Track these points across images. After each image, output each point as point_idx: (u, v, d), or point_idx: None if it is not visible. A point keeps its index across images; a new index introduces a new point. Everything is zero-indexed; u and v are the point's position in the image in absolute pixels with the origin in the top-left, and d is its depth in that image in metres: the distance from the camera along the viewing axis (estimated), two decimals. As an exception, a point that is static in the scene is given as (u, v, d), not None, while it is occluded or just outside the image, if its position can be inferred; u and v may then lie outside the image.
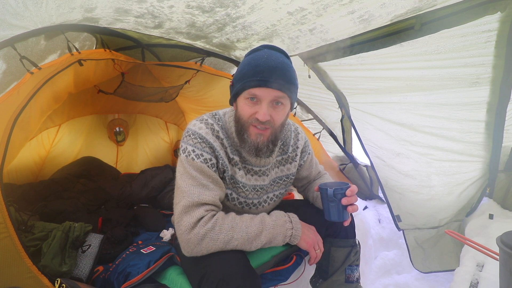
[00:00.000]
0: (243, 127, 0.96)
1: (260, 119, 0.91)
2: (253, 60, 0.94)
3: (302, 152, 1.24)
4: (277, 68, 0.90)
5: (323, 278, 1.18)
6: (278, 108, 0.94)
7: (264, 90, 0.90)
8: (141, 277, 1.11)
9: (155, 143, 3.62)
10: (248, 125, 0.95)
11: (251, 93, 0.92)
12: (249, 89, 0.91)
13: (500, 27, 1.22)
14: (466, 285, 1.20)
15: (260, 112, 0.91)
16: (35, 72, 1.31)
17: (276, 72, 0.90)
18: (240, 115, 0.97)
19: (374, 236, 2.26)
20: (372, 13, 1.28)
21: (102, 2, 1.21)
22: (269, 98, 0.91)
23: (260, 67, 0.90)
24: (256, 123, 0.93)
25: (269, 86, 0.89)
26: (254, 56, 0.95)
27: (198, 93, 2.55)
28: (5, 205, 1.07)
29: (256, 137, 0.96)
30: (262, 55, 0.94)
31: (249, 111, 0.93)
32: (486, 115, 1.53)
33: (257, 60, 0.92)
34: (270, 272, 1.28)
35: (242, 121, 0.96)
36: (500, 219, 1.62)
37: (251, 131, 0.95)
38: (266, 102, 0.92)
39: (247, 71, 0.92)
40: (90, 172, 2.72)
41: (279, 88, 0.90)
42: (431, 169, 1.86)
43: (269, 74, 0.89)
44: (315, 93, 2.16)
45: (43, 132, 2.72)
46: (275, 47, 1.00)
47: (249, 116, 0.94)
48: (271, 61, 0.91)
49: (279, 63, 0.92)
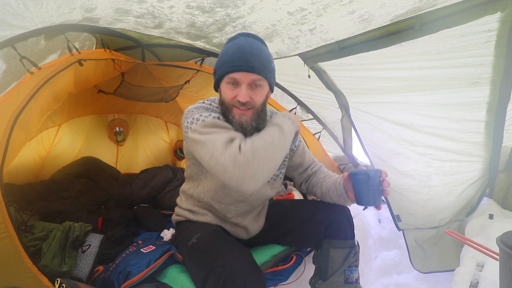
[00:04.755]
0: (227, 109, 1.05)
1: (241, 100, 1.00)
2: (230, 47, 1.03)
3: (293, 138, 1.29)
4: (253, 53, 1.00)
5: (322, 279, 1.18)
6: (256, 90, 1.03)
7: (242, 74, 0.99)
8: (141, 276, 1.11)
9: (155, 143, 3.62)
10: (231, 107, 1.04)
11: (230, 78, 1.01)
12: (228, 74, 1.01)
13: (500, 27, 1.22)
14: (466, 285, 1.20)
15: (240, 94, 1.00)
16: (35, 72, 1.31)
17: (252, 57, 0.99)
18: (223, 98, 1.05)
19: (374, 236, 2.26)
20: (372, 13, 1.28)
21: (102, 3, 1.21)
22: (247, 81, 1.00)
23: (238, 53, 1.00)
24: (238, 105, 1.02)
25: (246, 70, 0.98)
26: (232, 44, 1.05)
27: (198, 93, 2.55)
28: (5, 205, 1.07)
29: (239, 117, 1.04)
30: (239, 42, 1.04)
31: (230, 94, 1.02)
32: (486, 115, 1.53)
33: (234, 47, 1.02)
34: (270, 272, 1.28)
35: (226, 104, 1.05)
36: (500, 219, 1.62)
37: (235, 112, 1.04)
38: (245, 84, 1.00)
39: (226, 57, 1.02)
40: (90, 172, 2.73)
41: (256, 71, 0.99)
42: (431, 169, 1.86)
43: (246, 59, 0.99)
44: (315, 93, 2.16)
45: (43, 132, 2.71)
46: (251, 34, 1.09)
47: (231, 99, 1.03)
48: (247, 47, 1.01)
49: (254, 48, 1.02)
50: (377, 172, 1.00)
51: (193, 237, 1.08)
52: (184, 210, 1.27)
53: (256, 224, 1.28)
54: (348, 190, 1.13)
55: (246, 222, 1.24)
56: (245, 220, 1.24)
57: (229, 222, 1.23)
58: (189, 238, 1.09)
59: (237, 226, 1.24)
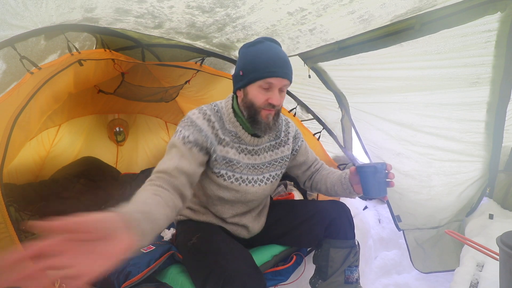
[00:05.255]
0: (256, 111, 1.08)
1: (275, 103, 1.05)
2: (263, 52, 1.05)
3: (295, 138, 1.32)
4: (285, 59, 1.06)
5: (322, 279, 1.19)
6: (283, 93, 1.10)
7: (278, 80, 1.04)
8: (141, 276, 1.11)
9: (155, 143, 3.62)
10: (260, 109, 1.08)
11: (267, 82, 1.04)
12: (266, 79, 1.03)
13: (500, 27, 1.22)
14: (466, 285, 1.20)
15: (274, 98, 1.05)
16: (35, 72, 1.31)
17: (286, 64, 1.05)
18: (253, 101, 1.07)
19: (374, 236, 2.26)
20: (372, 13, 1.29)
21: (102, 2, 1.21)
22: (280, 86, 1.05)
23: (273, 59, 1.03)
24: (269, 107, 1.07)
25: (283, 76, 1.03)
26: (262, 48, 1.06)
27: (198, 93, 2.55)
28: (5, 205, 1.07)
29: (267, 118, 1.09)
30: (270, 47, 1.06)
31: (263, 97, 1.06)
32: (486, 115, 1.53)
33: (268, 52, 1.05)
34: (270, 272, 1.28)
35: (256, 106, 1.08)
36: (500, 219, 1.62)
37: (263, 113, 1.08)
38: (277, 89, 1.05)
39: (261, 62, 1.04)
40: (90, 172, 2.73)
41: (288, 77, 1.05)
42: (431, 169, 1.86)
43: (283, 66, 1.04)
44: (315, 93, 2.16)
45: (43, 132, 2.72)
46: (273, 39, 1.12)
47: (263, 101, 1.06)
48: (280, 53, 1.05)
49: (284, 55, 1.07)
50: (383, 165, 1.05)
51: (193, 237, 1.08)
52: (185, 208, 1.27)
53: (257, 223, 1.28)
54: (354, 183, 1.16)
55: (246, 221, 1.24)
56: (244, 219, 1.24)
57: (229, 222, 1.23)
58: (189, 237, 1.09)
59: (237, 225, 1.24)
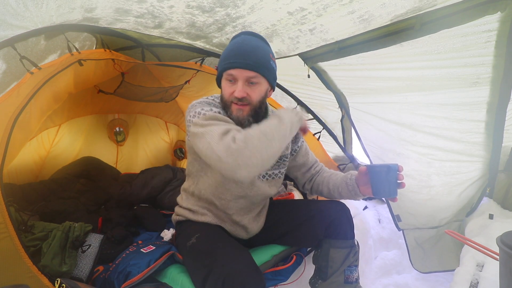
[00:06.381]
0: (226, 105, 1.09)
1: (236, 95, 1.04)
2: (231, 45, 1.09)
3: (295, 138, 1.33)
4: (249, 51, 1.03)
5: (322, 279, 1.19)
6: (253, 87, 1.06)
7: (238, 71, 1.03)
8: (141, 276, 1.11)
9: (155, 143, 3.62)
10: (230, 103, 1.07)
11: (228, 74, 1.05)
12: (226, 71, 1.05)
13: (500, 27, 1.22)
14: (466, 285, 1.20)
15: (236, 90, 1.04)
16: (35, 72, 1.31)
17: (249, 55, 1.02)
18: (223, 94, 1.10)
19: (374, 236, 2.26)
20: (372, 13, 1.28)
21: (102, 2, 1.21)
22: (243, 78, 1.03)
23: (235, 50, 1.04)
24: (236, 101, 1.06)
25: (241, 67, 1.02)
26: (232, 42, 1.10)
27: (198, 93, 2.55)
28: (5, 205, 1.07)
29: (237, 112, 1.07)
30: (239, 40, 1.08)
31: (228, 90, 1.06)
32: (486, 115, 1.53)
33: (234, 45, 1.07)
34: (270, 272, 1.28)
35: (225, 100, 1.09)
36: (500, 219, 1.62)
37: (233, 108, 1.07)
38: (241, 81, 1.04)
39: (225, 55, 1.07)
40: (90, 172, 2.72)
41: (251, 68, 1.02)
42: (431, 169, 1.86)
43: (242, 56, 1.02)
44: (315, 93, 2.16)
45: (43, 132, 2.71)
46: (253, 32, 1.13)
47: (229, 94, 1.06)
48: (245, 45, 1.05)
49: (252, 46, 1.05)
50: (395, 165, 1.04)
51: (193, 237, 1.08)
52: (184, 209, 1.27)
53: (256, 223, 1.29)
54: (361, 184, 1.16)
55: (246, 221, 1.24)
56: (244, 219, 1.24)
57: (228, 221, 1.23)
58: (189, 238, 1.09)
59: (237, 225, 1.24)
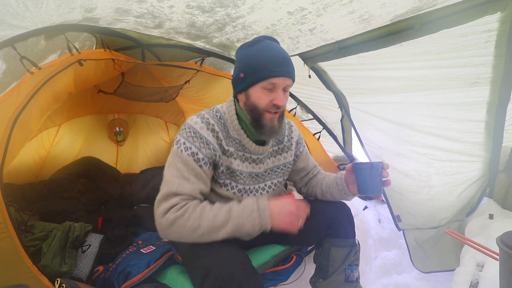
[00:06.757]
0: (260, 114, 1.03)
1: (279, 104, 1.00)
2: (264, 51, 1.00)
3: (298, 143, 1.31)
4: (287, 58, 1.01)
5: (322, 278, 1.18)
6: (286, 93, 1.05)
7: (282, 79, 0.99)
8: (141, 277, 1.11)
9: (155, 143, 3.62)
10: (264, 112, 1.02)
11: (271, 83, 0.99)
12: (269, 79, 0.98)
13: (500, 27, 1.22)
14: (466, 285, 1.20)
15: (279, 98, 1.00)
16: (35, 72, 1.31)
17: (289, 62, 1.01)
18: (256, 104, 1.02)
19: (374, 236, 2.26)
20: (372, 13, 1.29)
21: (102, 2, 1.21)
22: (283, 86, 1.01)
23: (276, 57, 0.99)
24: (273, 109, 1.02)
25: (285, 75, 0.99)
26: (262, 48, 1.02)
27: (198, 93, 2.55)
28: (5, 205, 1.07)
29: (271, 121, 1.04)
30: (270, 46, 1.01)
31: (267, 99, 1.01)
32: (486, 115, 1.53)
33: (269, 51, 1.00)
34: (270, 272, 1.28)
35: (259, 109, 1.02)
36: (500, 219, 1.62)
37: (267, 116, 1.03)
38: (281, 89, 1.01)
39: (263, 62, 0.98)
40: (90, 172, 2.72)
41: (291, 76, 1.01)
42: (431, 169, 1.86)
43: (285, 65, 0.99)
44: (315, 93, 2.16)
45: (43, 132, 2.71)
46: (272, 37, 1.08)
47: (268, 102, 1.01)
48: (282, 52, 1.01)
49: (283, 53, 1.02)
50: (379, 163, 1.05)
51: None
52: None
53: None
54: (349, 183, 1.16)
55: None
56: None
57: None
58: None
59: None
